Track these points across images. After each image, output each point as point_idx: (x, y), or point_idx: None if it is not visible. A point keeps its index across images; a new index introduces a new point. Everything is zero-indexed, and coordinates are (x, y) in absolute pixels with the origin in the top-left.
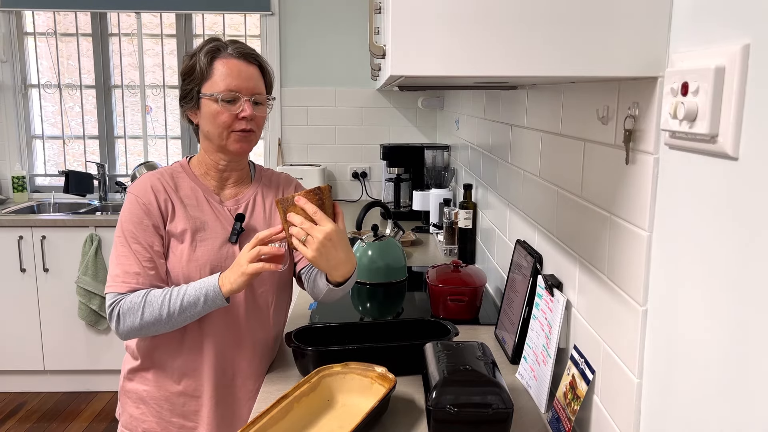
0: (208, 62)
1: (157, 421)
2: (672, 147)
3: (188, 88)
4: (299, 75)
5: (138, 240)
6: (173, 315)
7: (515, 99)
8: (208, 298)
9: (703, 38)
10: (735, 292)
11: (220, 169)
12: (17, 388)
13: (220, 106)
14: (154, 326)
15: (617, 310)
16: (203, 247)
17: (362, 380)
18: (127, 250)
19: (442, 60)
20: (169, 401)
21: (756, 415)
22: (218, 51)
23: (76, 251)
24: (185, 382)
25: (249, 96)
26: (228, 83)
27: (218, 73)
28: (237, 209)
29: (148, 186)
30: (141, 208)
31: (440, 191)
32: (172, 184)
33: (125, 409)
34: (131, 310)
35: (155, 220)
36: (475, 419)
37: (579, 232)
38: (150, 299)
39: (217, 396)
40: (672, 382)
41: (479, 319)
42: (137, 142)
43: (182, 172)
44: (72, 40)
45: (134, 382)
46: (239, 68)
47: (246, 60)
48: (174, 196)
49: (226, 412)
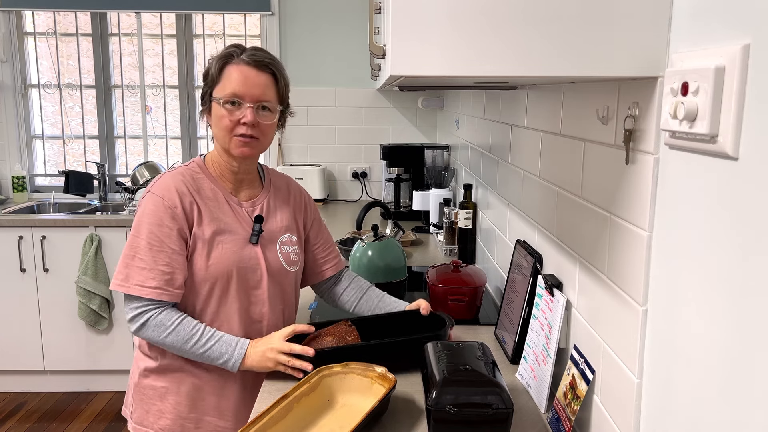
0: (219, 67)
1: (174, 417)
2: (672, 147)
3: (204, 91)
4: (299, 75)
5: (162, 246)
6: (191, 353)
7: (515, 99)
8: (227, 363)
9: (703, 38)
10: (735, 292)
11: (234, 171)
12: (17, 388)
13: (223, 109)
14: (170, 349)
15: (617, 310)
16: (227, 249)
17: (362, 380)
18: (149, 256)
19: (442, 60)
20: (189, 396)
21: (756, 415)
22: (231, 57)
23: (76, 251)
24: (205, 377)
25: (253, 103)
26: (233, 89)
27: (226, 78)
28: (254, 211)
29: (173, 188)
30: (167, 212)
31: (440, 191)
32: (195, 186)
33: (140, 405)
34: (158, 326)
35: (180, 224)
36: (475, 419)
37: (579, 232)
38: (179, 329)
39: (237, 389)
40: (672, 382)
41: (479, 319)
42: (137, 142)
43: (201, 173)
44: (72, 40)
45: (150, 379)
46: (247, 74)
47: (257, 67)
48: (198, 198)
49: (249, 405)
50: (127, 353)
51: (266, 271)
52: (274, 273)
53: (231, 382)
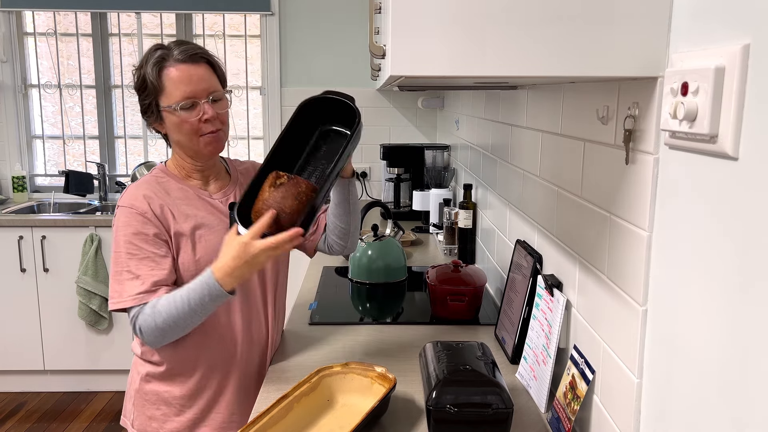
0: (156, 74)
1: (179, 420)
2: (672, 147)
3: (146, 103)
4: (299, 75)
5: (142, 252)
6: (185, 319)
7: (515, 99)
8: (215, 296)
9: (703, 38)
10: (735, 291)
11: (199, 170)
12: (17, 388)
13: (180, 115)
14: (173, 330)
15: (617, 310)
16: (211, 240)
17: (362, 380)
18: (132, 264)
19: (442, 60)
20: (191, 398)
21: (756, 415)
22: (164, 60)
23: (76, 251)
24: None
25: (206, 97)
26: (183, 91)
27: (170, 83)
28: (227, 200)
29: (140, 196)
30: (139, 218)
31: (440, 191)
32: (162, 189)
33: (142, 411)
34: (146, 320)
35: (156, 228)
36: (475, 419)
37: (579, 232)
38: (160, 309)
39: (238, 383)
40: (672, 382)
41: (479, 319)
42: (137, 142)
43: (165, 176)
44: (72, 40)
45: (153, 384)
46: (188, 72)
47: (193, 61)
48: (167, 199)
49: (249, 398)
50: (128, 353)
51: None
52: None
53: (233, 378)
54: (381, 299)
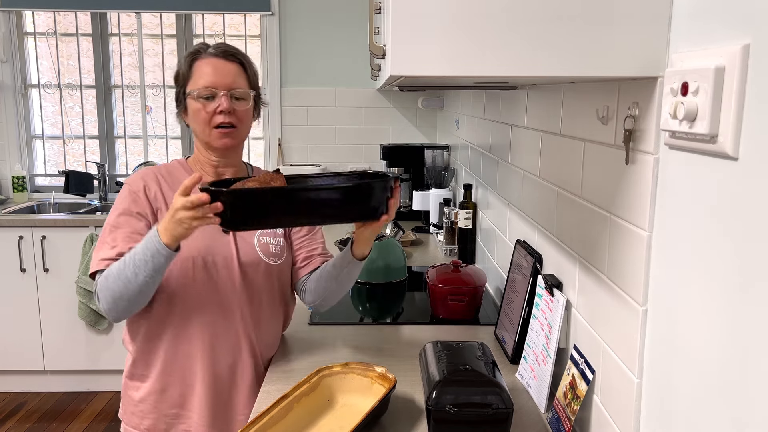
0: (188, 64)
1: (156, 416)
2: (672, 147)
3: (177, 92)
4: (299, 75)
5: (119, 226)
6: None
7: (515, 99)
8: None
9: (703, 38)
10: (735, 291)
11: (214, 165)
12: (17, 388)
13: (198, 102)
14: (123, 294)
15: (617, 310)
16: (195, 234)
17: (362, 380)
18: (109, 237)
19: (442, 60)
20: (165, 396)
21: (756, 415)
22: (199, 53)
23: (76, 251)
24: (179, 374)
25: (226, 90)
26: (205, 80)
27: (197, 72)
28: None
29: (140, 178)
30: (130, 196)
31: (440, 191)
32: (168, 178)
33: (127, 408)
34: (102, 285)
35: (141, 208)
36: (475, 419)
37: (579, 232)
38: (112, 271)
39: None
40: (672, 382)
41: (479, 319)
42: (137, 142)
43: (180, 168)
44: (72, 40)
45: (134, 381)
46: (216, 65)
47: (225, 58)
48: (166, 187)
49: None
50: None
51: (237, 260)
52: (246, 263)
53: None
54: (381, 299)
